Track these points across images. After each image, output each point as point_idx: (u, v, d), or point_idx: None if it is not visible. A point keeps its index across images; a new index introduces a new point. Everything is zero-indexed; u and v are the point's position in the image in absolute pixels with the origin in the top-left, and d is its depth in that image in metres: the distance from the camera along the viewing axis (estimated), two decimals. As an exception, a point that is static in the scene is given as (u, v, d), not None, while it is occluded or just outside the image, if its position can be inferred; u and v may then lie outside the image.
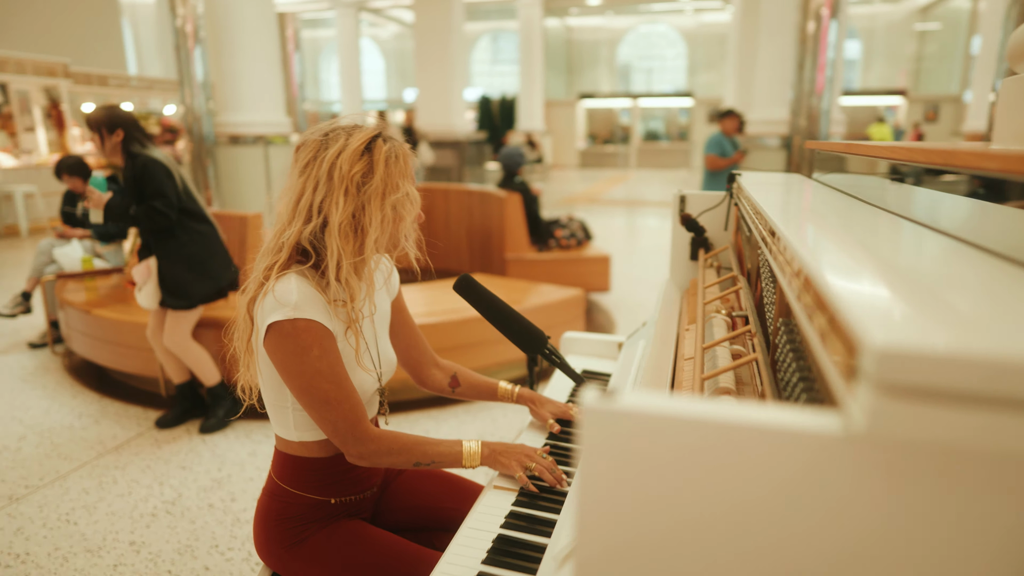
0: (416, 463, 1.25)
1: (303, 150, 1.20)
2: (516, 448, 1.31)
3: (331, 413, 1.17)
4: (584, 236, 5.43)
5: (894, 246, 0.78)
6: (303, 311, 1.13)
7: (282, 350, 1.14)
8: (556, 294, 4.02)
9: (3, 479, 2.72)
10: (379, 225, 1.16)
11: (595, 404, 0.43)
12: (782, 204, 1.16)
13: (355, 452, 1.21)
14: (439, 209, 5.68)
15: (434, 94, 13.51)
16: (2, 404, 3.42)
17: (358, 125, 1.21)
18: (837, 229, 0.87)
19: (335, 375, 1.16)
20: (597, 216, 10.89)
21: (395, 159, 1.18)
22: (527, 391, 1.53)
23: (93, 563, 2.21)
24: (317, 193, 1.16)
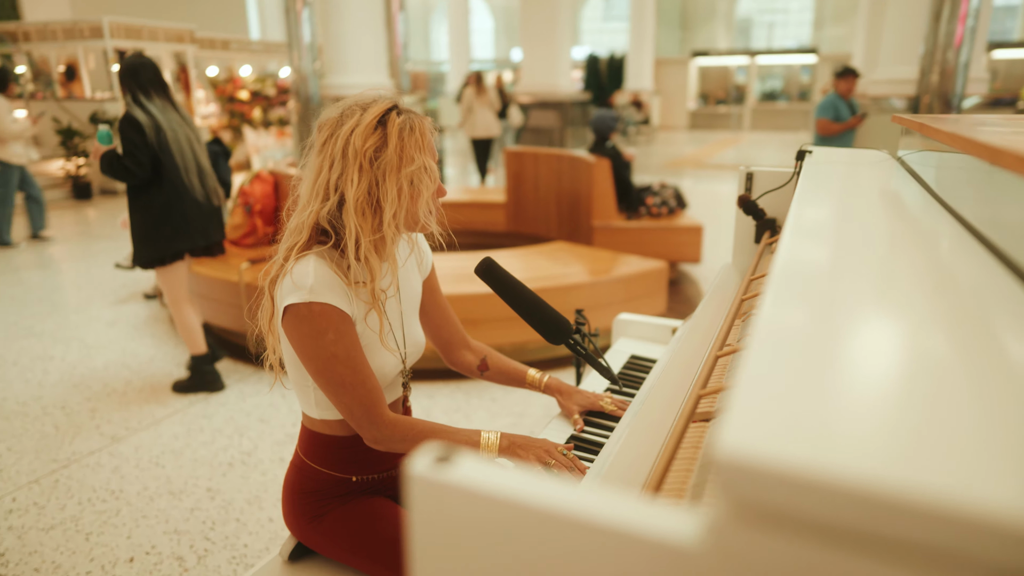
0: None
1: (322, 129, 1.17)
2: (537, 443, 1.26)
3: (346, 396, 1.16)
4: (677, 204, 5.19)
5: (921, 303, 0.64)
6: (319, 295, 1.12)
7: (298, 332, 1.14)
8: (638, 265, 3.88)
9: (109, 420, 2.99)
10: (395, 199, 1.13)
11: (422, 472, 0.37)
12: (817, 207, 1.01)
13: (370, 436, 1.20)
14: (528, 174, 5.60)
15: (539, 53, 13.25)
16: (117, 350, 3.75)
17: (375, 100, 1.17)
18: (856, 264, 0.74)
19: (350, 359, 1.15)
20: (702, 181, 10.42)
21: (409, 131, 1.14)
22: (555, 381, 1.46)
23: (174, 505, 2.39)
24: (333, 171, 1.14)
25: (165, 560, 2.12)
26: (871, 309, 0.54)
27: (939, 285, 0.61)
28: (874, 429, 0.31)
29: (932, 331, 0.49)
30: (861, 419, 0.32)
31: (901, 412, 0.34)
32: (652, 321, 1.88)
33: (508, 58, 23.87)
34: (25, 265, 5.61)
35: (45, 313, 4.37)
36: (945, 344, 0.46)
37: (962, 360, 0.43)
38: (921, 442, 0.30)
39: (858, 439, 0.30)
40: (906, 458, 0.28)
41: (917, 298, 0.58)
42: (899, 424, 0.32)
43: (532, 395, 3.21)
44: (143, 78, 2.95)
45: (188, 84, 10.92)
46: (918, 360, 0.43)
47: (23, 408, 3.10)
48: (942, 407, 0.35)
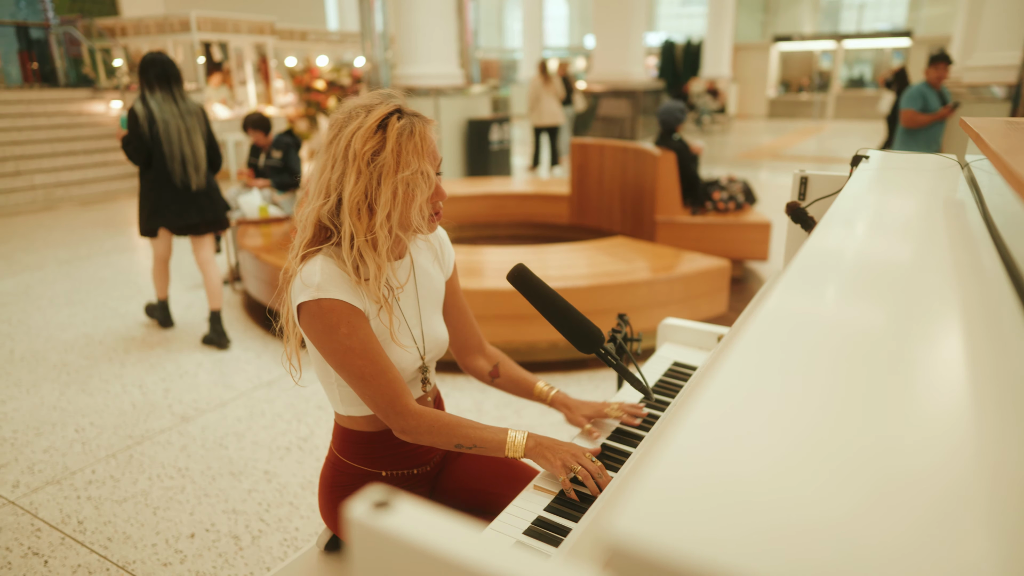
0: (457, 445, 1.24)
1: (331, 127, 1.20)
2: (564, 446, 1.25)
3: (369, 388, 1.19)
4: (745, 199, 5.02)
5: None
6: (326, 291, 1.15)
7: (313, 330, 1.18)
8: (699, 263, 3.78)
9: (181, 400, 3.17)
10: (389, 202, 1.15)
11: (360, 517, 0.37)
12: (841, 232, 0.95)
13: (397, 426, 1.23)
14: (593, 166, 5.54)
15: (611, 40, 13.02)
16: (192, 334, 3.96)
17: (381, 102, 1.18)
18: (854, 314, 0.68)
19: (367, 351, 1.17)
20: (776, 173, 10.03)
21: (408, 136, 1.15)
22: (561, 395, 1.46)
23: (233, 485, 2.52)
24: (335, 171, 1.16)
25: (222, 538, 2.23)
26: (854, 382, 0.51)
27: (934, 360, 0.57)
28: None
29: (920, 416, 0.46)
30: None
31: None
32: (697, 327, 1.83)
33: (582, 45, 23.59)
34: (115, 248, 5.99)
35: (130, 295, 4.66)
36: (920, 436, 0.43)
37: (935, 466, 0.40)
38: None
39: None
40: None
41: (920, 376, 0.54)
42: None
43: (562, 389, 3.19)
44: (150, 74, 3.43)
45: (267, 74, 11.34)
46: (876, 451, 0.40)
47: (106, 385, 3.32)
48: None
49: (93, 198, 8.57)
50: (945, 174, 1.28)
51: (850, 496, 0.33)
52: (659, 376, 1.68)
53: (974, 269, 0.76)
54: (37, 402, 3.15)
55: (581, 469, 1.21)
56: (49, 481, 2.55)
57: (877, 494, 0.34)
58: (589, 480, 1.20)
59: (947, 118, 5.37)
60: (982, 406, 0.45)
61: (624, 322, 1.57)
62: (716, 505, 0.32)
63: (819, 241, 0.87)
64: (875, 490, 0.34)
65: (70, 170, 8.72)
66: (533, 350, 3.45)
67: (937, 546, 0.30)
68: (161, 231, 3.67)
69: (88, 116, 9.89)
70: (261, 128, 4.81)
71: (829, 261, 0.80)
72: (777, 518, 0.31)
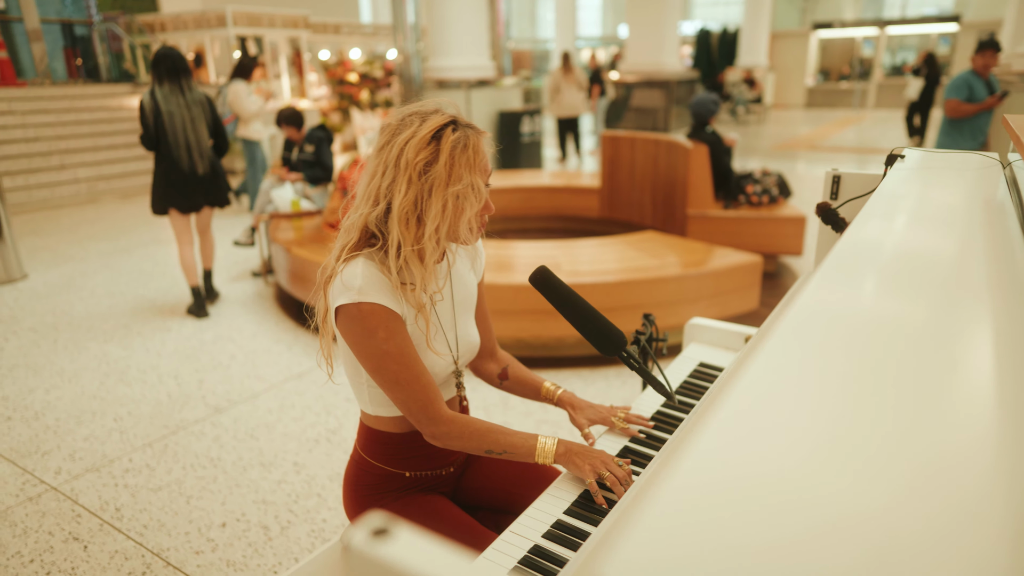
0: (488, 451, 1.24)
1: (383, 133, 1.20)
2: (595, 453, 1.25)
3: (402, 393, 1.20)
4: (779, 193, 4.92)
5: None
6: (367, 295, 1.15)
7: (351, 333, 1.19)
8: (730, 259, 3.72)
9: (214, 392, 3.24)
10: (439, 214, 1.14)
11: (358, 545, 0.37)
12: (870, 239, 0.92)
13: (428, 432, 1.23)
14: (624, 158, 5.49)
15: (645, 29, 12.84)
16: (225, 325, 4.05)
17: (435, 111, 1.17)
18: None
19: (403, 357, 1.18)
20: (813, 165, 9.81)
21: (461, 149, 1.14)
22: (567, 395, 1.45)
23: (264, 476, 2.57)
24: (385, 178, 1.16)
25: (252, 528, 2.28)
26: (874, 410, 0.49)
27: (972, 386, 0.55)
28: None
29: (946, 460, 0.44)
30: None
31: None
32: (725, 327, 1.80)
33: (615, 35, 23.34)
34: (154, 241, 6.13)
35: (167, 287, 4.78)
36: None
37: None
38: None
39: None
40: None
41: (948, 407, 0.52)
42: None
43: (580, 385, 3.18)
44: (161, 68, 3.77)
45: (301, 68, 11.47)
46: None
47: (143, 376, 3.41)
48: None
49: (133, 191, 8.79)
50: (985, 174, 1.23)
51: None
52: (684, 377, 1.66)
53: (1010, 274, 0.73)
54: (78, 391, 3.26)
55: (610, 475, 1.21)
56: (89, 468, 2.63)
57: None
58: (617, 486, 1.20)
59: (995, 108, 5.18)
60: (1010, 405, 0.43)
61: (650, 322, 1.55)
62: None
63: (849, 245, 0.84)
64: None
65: (111, 163, 8.95)
66: (561, 345, 3.44)
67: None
68: (172, 212, 4.00)
69: (129, 110, 10.13)
70: (294, 123, 4.87)
71: (860, 264, 0.78)
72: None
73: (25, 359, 3.63)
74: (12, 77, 9.75)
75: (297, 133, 4.92)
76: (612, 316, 1.77)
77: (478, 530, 1.33)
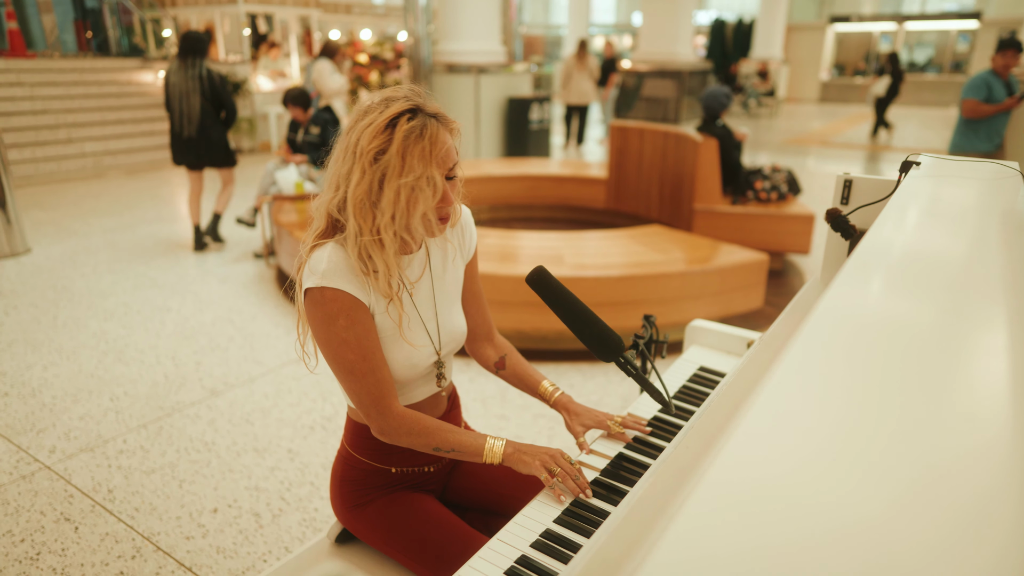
0: (436, 448, 1.23)
1: (352, 116, 1.17)
2: (542, 450, 1.25)
3: (355, 384, 1.18)
4: (789, 190, 4.86)
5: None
6: (331, 280, 1.13)
7: (312, 317, 1.16)
8: (736, 256, 3.67)
9: (211, 374, 3.22)
10: (391, 205, 1.10)
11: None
12: (882, 263, 0.88)
13: (376, 426, 1.22)
14: (632, 150, 5.42)
15: (659, 18, 12.70)
16: (225, 307, 4.03)
17: (404, 97, 1.13)
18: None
19: (361, 347, 1.15)
20: (824, 161, 9.70)
21: (415, 138, 1.09)
22: (565, 397, 1.41)
23: (257, 462, 2.55)
24: (344, 164, 1.13)
25: (244, 515, 2.27)
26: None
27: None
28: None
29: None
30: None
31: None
32: (727, 330, 1.76)
33: (629, 23, 23.09)
34: (158, 218, 6.11)
35: (168, 266, 4.76)
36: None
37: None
38: None
39: None
40: None
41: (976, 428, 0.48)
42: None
43: (580, 379, 3.15)
44: (181, 47, 4.67)
45: (311, 47, 11.38)
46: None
47: (141, 356, 3.40)
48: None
49: (139, 167, 8.77)
50: (1003, 184, 1.19)
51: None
52: (683, 381, 1.62)
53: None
54: (76, 369, 3.25)
55: (560, 471, 1.21)
56: (83, 448, 2.62)
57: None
58: (568, 480, 1.20)
59: (1013, 109, 5.08)
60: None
61: (650, 324, 1.51)
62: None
63: (868, 251, 0.81)
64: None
65: (118, 139, 8.92)
66: (561, 338, 3.41)
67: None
68: (184, 167, 4.93)
69: (137, 85, 10.08)
70: (300, 104, 4.82)
71: (879, 270, 0.75)
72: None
73: (24, 334, 3.62)
74: (22, 48, 9.71)
75: (303, 114, 4.88)
76: (615, 311, 1.75)
77: (465, 532, 1.31)
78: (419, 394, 1.32)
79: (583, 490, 1.19)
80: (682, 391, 1.57)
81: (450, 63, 7.87)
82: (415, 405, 1.32)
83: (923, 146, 11.25)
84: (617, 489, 1.21)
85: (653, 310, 3.41)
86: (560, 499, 1.19)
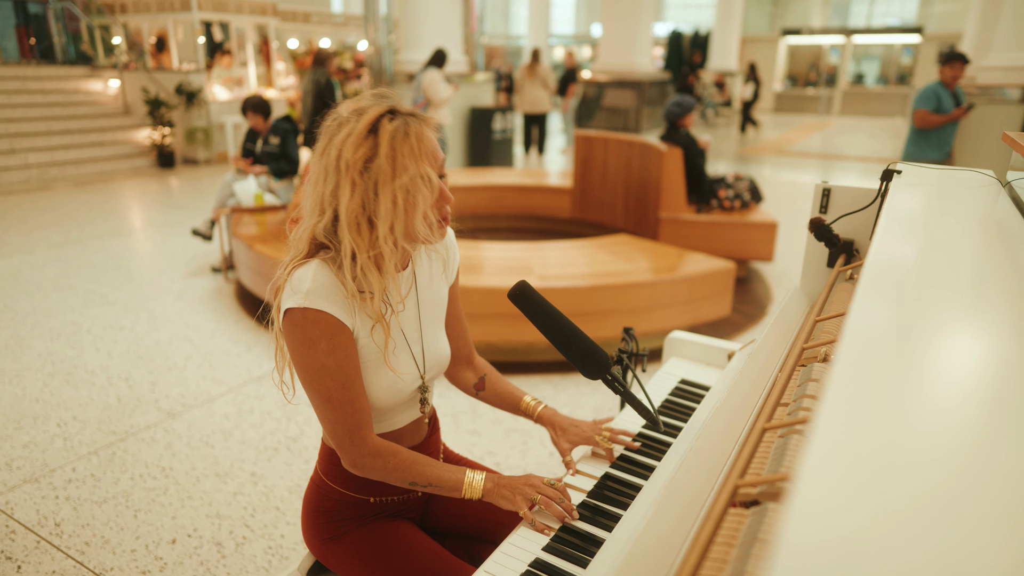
0: (412, 483, 1.16)
1: (322, 137, 1.09)
2: (520, 480, 1.19)
3: (331, 413, 1.10)
4: (752, 198, 4.91)
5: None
6: (314, 301, 1.05)
7: (291, 340, 1.08)
8: (703, 265, 3.68)
9: (167, 395, 3.08)
10: (390, 212, 1.03)
11: None
12: (903, 253, 0.85)
13: (348, 460, 1.14)
14: (597, 160, 5.42)
15: (618, 29, 12.82)
16: (181, 324, 3.87)
17: (373, 104, 1.06)
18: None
19: (342, 374, 1.08)
20: (781, 170, 9.90)
21: (402, 138, 1.03)
22: (548, 412, 1.36)
23: (218, 487, 2.43)
24: (328, 184, 1.06)
25: (205, 544, 2.15)
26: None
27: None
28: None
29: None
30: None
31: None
32: (707, 342, 1.73)
33: (588, 33, 23.35)
34: (109, 232, 5.87)
35: (120, 282, 4.56)
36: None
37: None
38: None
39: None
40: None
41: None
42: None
43: (551, 392, 3.10)
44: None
45: (269, 56, 11.16)
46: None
47: (91, 377, 3.23)
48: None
49: (88, 179, 8.45)
50: (984, 192, 1.18)
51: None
52: (665, 395, 1.58)
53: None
54: (19, 393, 3.06)
55: (542, 498, 1.16)
56: (27, 479, 2.46)
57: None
58: (552, 506, 1.15)
59: (960, 119, 5.25)
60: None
61: (630, 337, 1.47)
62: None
63: (879, 268, 0.77)
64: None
65: (65, 149, 8.58)
66: (531, 350, 3.35)
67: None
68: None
69: (85, 94, 9.73)
70: (261, 112, 4.68)
71: (897, 289, 0.71)
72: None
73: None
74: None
75: (263, 123, 4.74)
76: (585, 322, 1.70)
77: (447, 560, 1.24)
78: (400, 420, 1.25)
79: (568, 513, 1.14)
80: (666, 405, 1.53)
81: (412, 72, 7.80)
82: (396, 432, 1.25)
83: (872, 155, 11.59)
84: (606, 512, 1.16)
85: (623, 320, 3.38)
86: (545, 532, 1.12)
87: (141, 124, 9.42)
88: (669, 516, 0.79)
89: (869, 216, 1.45)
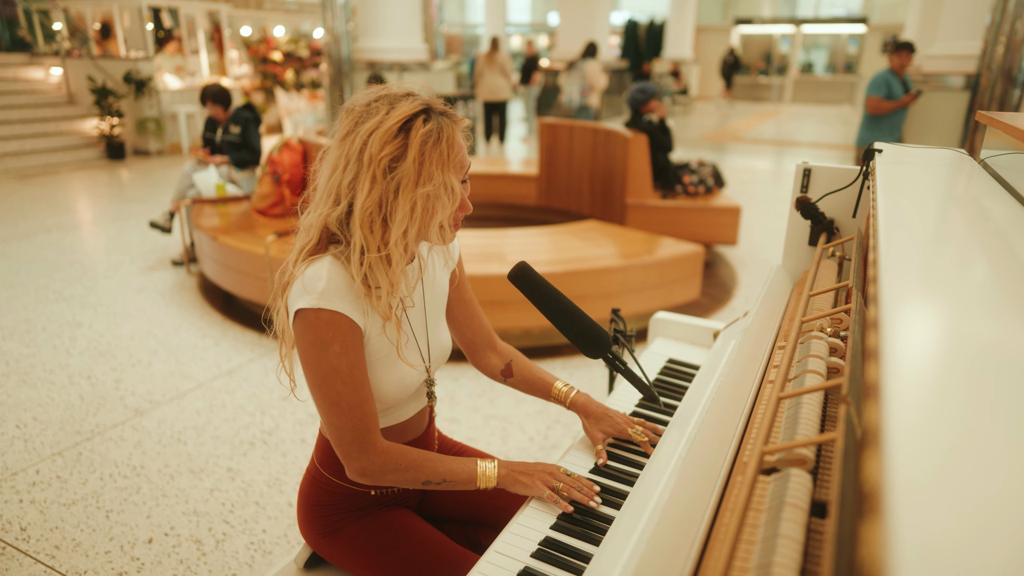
0: (425, 482, 1.13)
1: (345, 118, 1.06)
2: (538, 467, 1.18)
3: (340, 418, 1.06)
4: (715, 183, 4.99)
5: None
6: (329, 301, 1.02)
7: (303, 341, 1.05)
8: (672, 249, 3.73)
9: (134, 392, 2.98)
10: (406, 218, 1.00)
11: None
12: (912, 231, 0.88)
13: (356, 466, 1.10)
14: (562, 147, 5.43)
15: (575, 18, 12.85)
16: (143, 319, 3.74)
17: (408, 95, 1.03)
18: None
19: (353, 376, 1.05)
20: (737, 156, 10.10)
21: (434, 143, 1.00)
22: (582, 398, 1.33)
23: (194, 484, 2.37)
24: (347, 173, 1.02)
25: (183, 543, 2.09)
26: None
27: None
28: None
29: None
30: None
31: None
32: (692, 322, 1.76)
33: (545, 22, 23.32)
34: (58, 226, 5.64)
35: (75, 277, 4.39)
36: None
37: None
38: None
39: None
40: None
41: None
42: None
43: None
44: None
45: (221, 44, 10.84)
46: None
47: (50, 376, 3.10)
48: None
49: (31, 171, 8.08)
50: (966, 169, 1.22)
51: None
52: (655, 375, 1.60)
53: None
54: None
55: (563, 485, 1.15)
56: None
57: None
58: (574, 492, 1.14)
59: (909, 105, 5.44)
60: None
61: (618, 318, 1.49)
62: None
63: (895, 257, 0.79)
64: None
65: (5, 140, 8.19)
66: (506, 336, 3.36)
67: None
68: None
69: (25, 83, 9.30)
70: (221, 101, 4.54)
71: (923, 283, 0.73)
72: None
73: (-92, 359, 3.24)
74: None
75: (223, 112, 4.60)
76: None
77: (448, 548, 1.23)
78: (407, 412, 1.24)
79: (591, 498, 1.13)
80: (657, 384, 1.55)
81: (371, 60, 7.68)
82: (402, 424, 1.24)
83: (823, 141, 11.92)
84: (615, 490, 1.17)
85: (595, 304, 3.41)
86: (569, 508, 1.11)
87: (87, 114, 9.05)
88: (691, 485, 0.80)
89: (849, 196, 1.49)
